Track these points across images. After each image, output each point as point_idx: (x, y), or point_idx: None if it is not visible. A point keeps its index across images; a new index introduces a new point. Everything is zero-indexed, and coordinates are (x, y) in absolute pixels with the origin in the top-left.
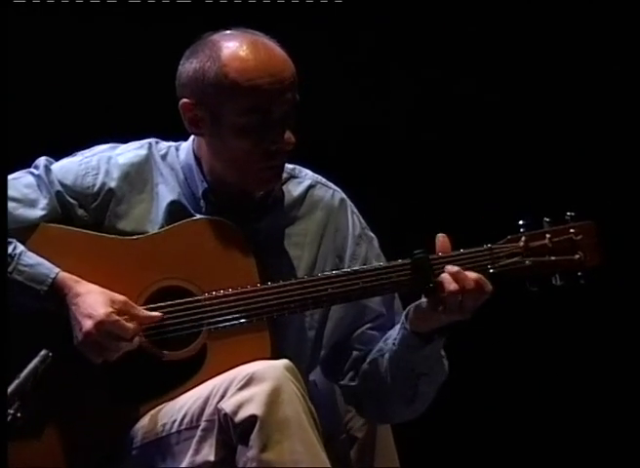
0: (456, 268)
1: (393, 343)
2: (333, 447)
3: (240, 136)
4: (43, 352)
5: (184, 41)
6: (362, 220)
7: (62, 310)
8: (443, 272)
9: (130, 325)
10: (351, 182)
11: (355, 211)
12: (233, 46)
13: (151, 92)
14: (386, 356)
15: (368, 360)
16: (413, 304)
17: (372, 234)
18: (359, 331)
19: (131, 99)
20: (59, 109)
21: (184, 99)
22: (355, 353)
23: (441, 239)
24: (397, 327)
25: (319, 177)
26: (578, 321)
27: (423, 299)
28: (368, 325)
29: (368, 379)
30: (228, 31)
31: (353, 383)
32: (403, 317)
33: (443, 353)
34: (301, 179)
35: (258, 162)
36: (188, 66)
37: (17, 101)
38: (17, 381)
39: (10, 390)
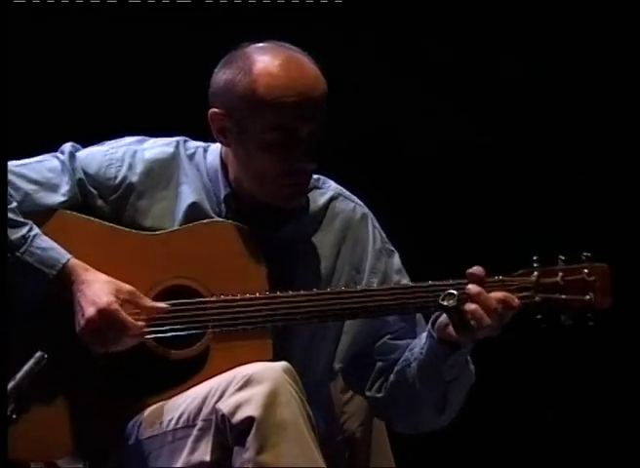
0: (478, 289)
1: (420, 352)
2: (329, 448)
3: (264, 151)
4: (38, 354)
5: (184, 41)
6: (383, 235)
7: (67, 296)
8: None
9: (130, 318)
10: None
11: (377, 225)
12: (265, 61)
13: (159, 89)
14: (413, 365)
15: (394, 370)
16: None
17: (392, 248)
18: (380, 341)
19: (133, 98)
20: (59, 109)
21: (214, 109)
22: (379, 364)
23: (476, 269)
24: (423, 335)
25: (342, 190)
26: (581, 355)
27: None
28: (388, 335)
29: (396, 389)
30: (264, 44)
31: (380, 394)
32: (430, 325)
33: (469, 358)
34: (324, 190)
35: (280, 178)
36: (221, 76)
37: (16, 101)
38: (12, 383)
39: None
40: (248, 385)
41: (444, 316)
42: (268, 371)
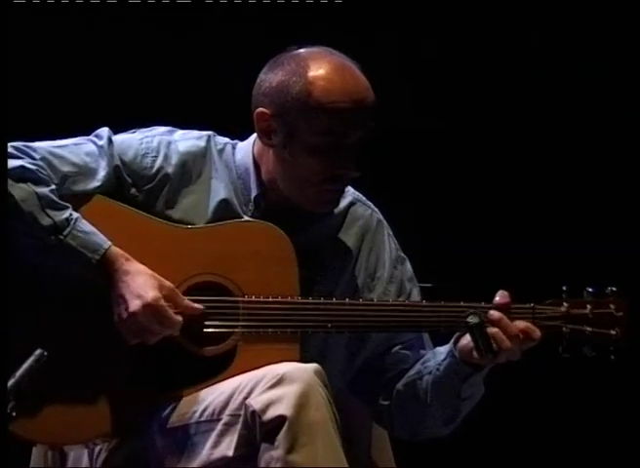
0: (498, 315)
1: (437, 368)
2: (353, 452)
3: (311, 155)
4: (38, 351)
5: (184, 41)
6: (396, 242)
7: (106, 282)
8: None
9: (174, 314)
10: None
11: (391, 233)
12: (321, 65)
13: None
14: (426, 378)
15: (403, 381)
16: (459, 334)
17: (404, 255)
18: (391, 351)
19: (133, 97)
20: (58, 109)
21: (262, 109)
22: (388, 374)
23: (503, 296)
24: (439, 350)
25: (359, 195)
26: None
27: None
28: (399, 346)
29: (403, 401)
30: (316, 48)
31: (386, 403)
32: (451, 344)
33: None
34: (344, 195)
35: (321, 183)
36: (272, 77)
37: (16, 101)
38: (12, 380)
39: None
40: (280, 384)
41: (467, 338)
42: (300, 372)
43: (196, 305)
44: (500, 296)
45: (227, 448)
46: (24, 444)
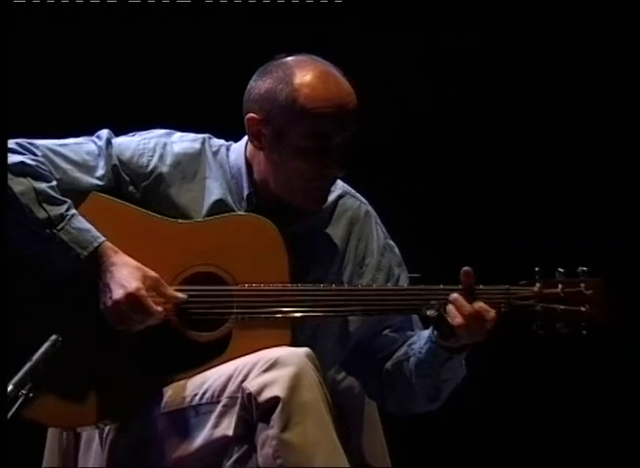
0: (455, 296)
1: (420, 351)
2: (345, 430)
3: (299, 157)
4: (53, 337)
5: (184, 41)
6: (384, 231)
7: (95, 274)
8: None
9: (154, 305)
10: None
11: (379, 222)
12: (306, 73)
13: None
14: (412, 361)
15: (392, 362)
16: None
17: (392, 243)
18: (381, 334)
19: (133, 96)
20: (58, 108)
21: (252, 114)
22: (379, 355)
23: (466, 273)
24: (423, 334)
25: (348, 188)
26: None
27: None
28: (388, 329)
29: (392, 380)
30: (301, 57)
31: (377, 382)
32: (430, 331)
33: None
34: (333, 189)
35: (309, 182)
36: (261, 85)
37: (16, 101)
38: (29, 364)
39: (23, 372)
40: (274, 368)
41: None
42: (292, 356)
43: (180, 294)
44: (463, 275)
45: (227, 427)
46: (39, 427)
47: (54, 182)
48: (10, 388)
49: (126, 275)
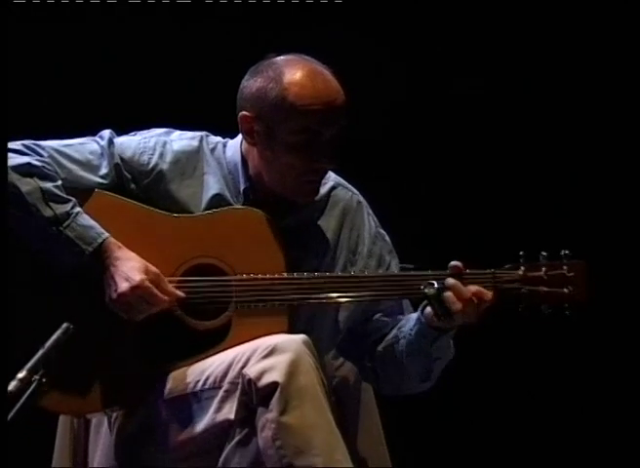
0: (452, 281)
1: (409, 333)
2: (343, 412)
3: (290, 152)
4: (65, 324)
5: (184, 40)
6: (376, 220)
7: (101, 269)
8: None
9: (158, 293)
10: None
11: (370, 211)
12: (294, 72)
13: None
14: (402, 342)
15: (383, 345)
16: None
17: (383, 231)
18: (373, 318)
19: (133, 95)
20: (58, 108)
21: (244, 112)
22: (371, 338)
23: (454, 265)
24: (412, 316)
25: (340, 179)
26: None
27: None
28: (380, 313)
29: (385, 362)
30: (290, 56)
31: (370, 364)
32: (419, 312)
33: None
34: (325, 181)
35: (301, 176)
36: (252, 84)
37: (16, 101)
38: (41, 351)
39: (36, 358)
40: (272, 354)
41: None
42: (290, 343)
43: (178, 292)
44: (454, 263)
45: (229, 412)
46: (50, 414)
47: (59, 182)
48: (23, 374)
49: (129, 268)
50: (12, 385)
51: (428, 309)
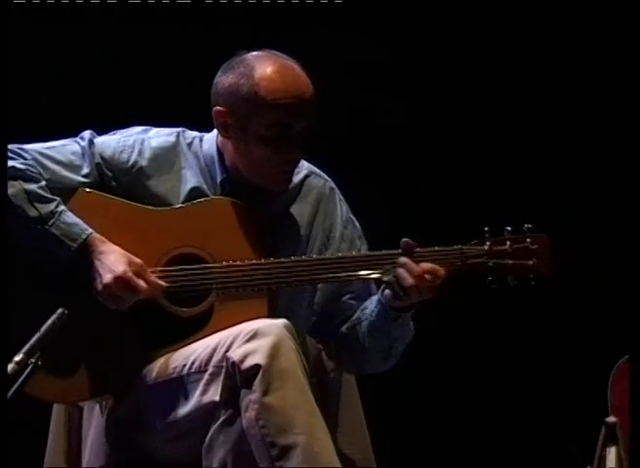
0: (404, 260)
1: (371, 314)
2: (324, 393)
3: (262, 145)
4: (60, 310)
5: (184, 40)
6: (347, 206)
7: (87, 263)
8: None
9: (141, 282)
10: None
11: (342, 198)
12: (265, 68)
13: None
14: (364, 324)
15: (347, 325)
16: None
17: (353, 217)
18: (340, 300)
19: (130, 94)
20: (58, 108)
21: (218, 107)
22: (337, 319)
23: (405, 242)
24: (374, 299)
25: (313, 168)
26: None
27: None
28: (348, 295)
29: (348, 341)
30: (261, 52)
31: (334, 344)
32: (379, 294)
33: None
34: (299, 170)
35: (274, 167)
36: (225, 80)
37: (16, 100)
38: (37, 335)
39: (32, 342)
40: (254, 338)
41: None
42: (272, 327)
43: (160, 282)
44: (405, 242)
45: (214, 394)
46: (42, 403)
47: (43, 183)
48: (20, 357)
49: (113, 261)
50: (9, 368)
51: (387, 291)
